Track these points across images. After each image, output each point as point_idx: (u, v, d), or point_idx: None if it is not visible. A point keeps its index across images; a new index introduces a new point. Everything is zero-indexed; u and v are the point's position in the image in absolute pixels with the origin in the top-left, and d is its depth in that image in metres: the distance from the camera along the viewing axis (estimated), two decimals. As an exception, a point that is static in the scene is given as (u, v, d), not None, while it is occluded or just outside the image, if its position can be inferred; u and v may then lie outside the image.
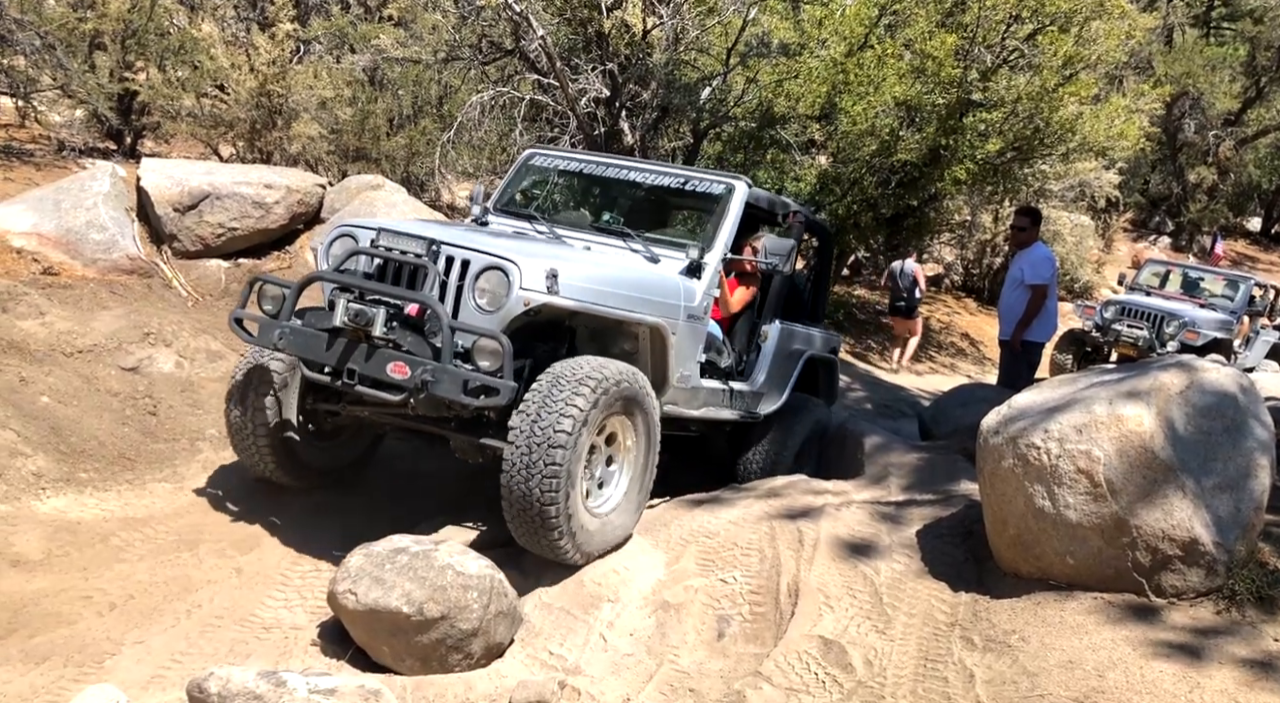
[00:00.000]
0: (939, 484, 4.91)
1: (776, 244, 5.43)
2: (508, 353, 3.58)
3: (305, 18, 11.51)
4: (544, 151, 5.69)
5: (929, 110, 10.70)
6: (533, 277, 3.78)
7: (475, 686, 3.28)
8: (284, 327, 3.91)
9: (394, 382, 3.68)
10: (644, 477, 4.24)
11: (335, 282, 3.98)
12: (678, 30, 9.46)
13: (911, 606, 3.58)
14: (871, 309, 14.11)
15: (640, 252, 4.82)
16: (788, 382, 5.62)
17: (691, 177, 5.22)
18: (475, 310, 3.82)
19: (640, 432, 4.15)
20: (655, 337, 4.39)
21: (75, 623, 3.49)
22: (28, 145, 8.82)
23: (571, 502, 3.68)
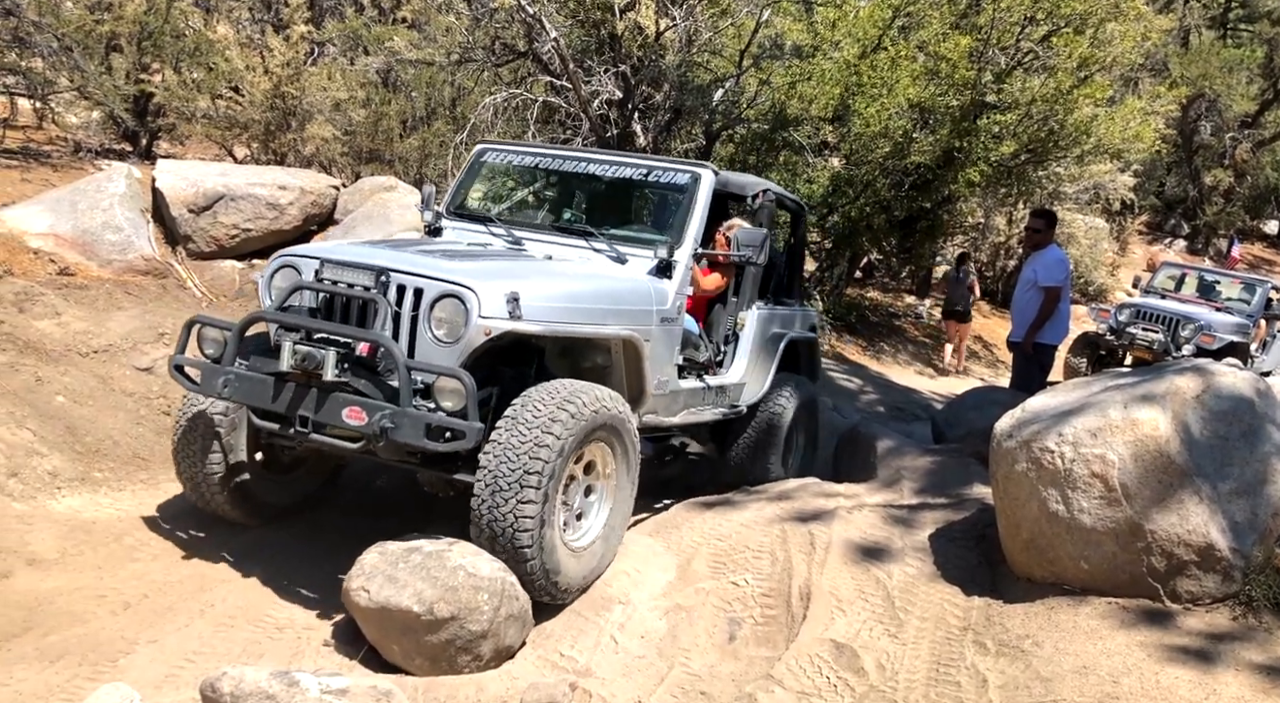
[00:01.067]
0: (951, 488, 4.89)
1: (749, 234, 5.14)
2: (471, 392, 3.33)
3: (320, 20, 11.57)
4: (497, 147, 5.38)
5: (943, 112, 10.66)
6: (492, 302, 3.51)
7: (486, 687, 3.28)
8: (228, 373, 3.64)
9: (350, 428, 3.45)
10: (625, 502, 4.05)
11: (278, 321, 3.69)
12: (691, 32, 9.46)
13: (924, 609, 3.56)
14: (884, 312, 14.07)
15: (605, 251, 4.57)
16: (769, 369, 5.45)
17: (655, 166, 4.92)
18: (432, 342, 3.55)
19: (620, 456, 3.95)
20: (629, 349, 4.18)
21: (89, 622, 3.51)
22: (45, 147, 8.89)
23: (547, 541, 3.48)
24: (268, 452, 4.28)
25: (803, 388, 5.71)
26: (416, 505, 4.74)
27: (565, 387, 3.62)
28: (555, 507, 3.51)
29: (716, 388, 5.01)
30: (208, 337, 3.82)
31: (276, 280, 3.88)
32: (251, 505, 4.23)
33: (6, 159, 7.98)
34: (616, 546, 4.02)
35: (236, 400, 3.70)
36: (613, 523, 3.96)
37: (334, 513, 4.61)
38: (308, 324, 3.63)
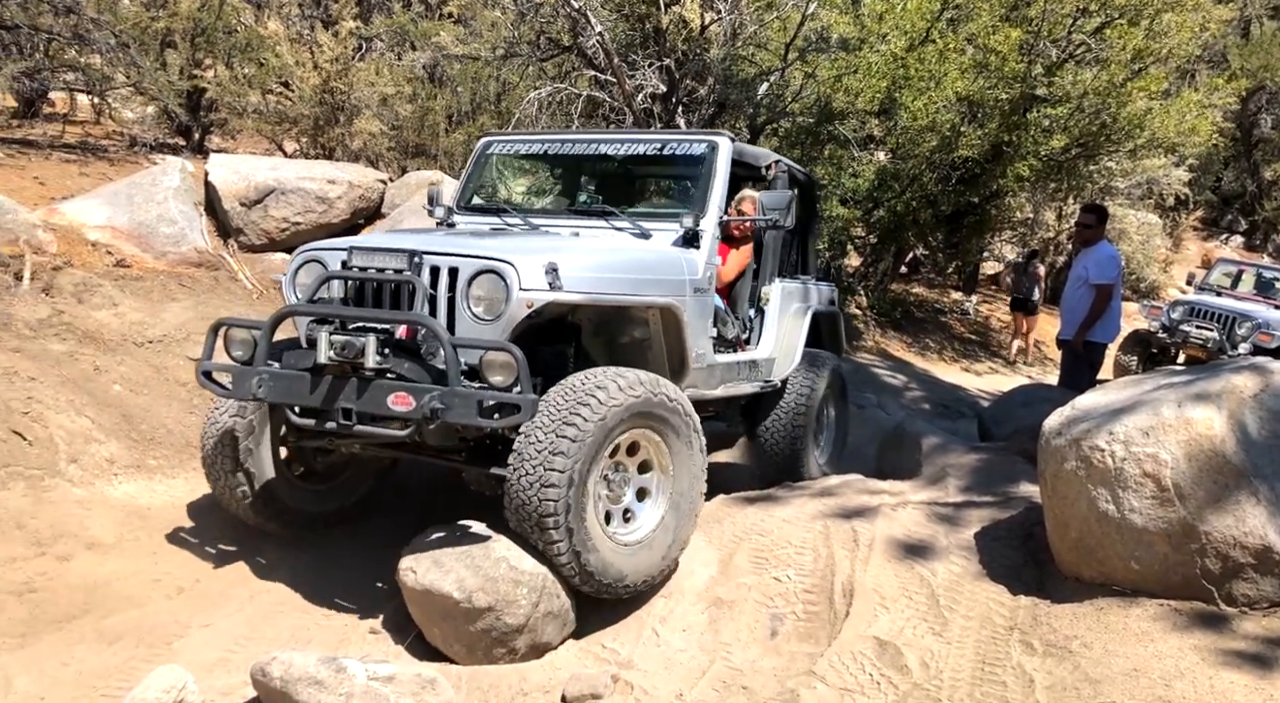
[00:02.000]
0: (998, 486, 4.83)
1: (774, 198, 5.00)
2: (522, 364, 3.22)
3: (367, 15, 11.70)
4: (502, 138, 5.27)
5: (991, 106, 10.50)
6: (531, 275, 3.42)
7: (529, 677, 3.31)
8: (260, 373, 3.49)
9: (397, 415, 3.32)
10: (688, 494, 3.83)
11: (311, 313, 3.59)
12: (735, 25, 9.42)
13: (969, 608, 3.53)
14: (930, 308, 13.91)
15: (627, 229, 4.44)
16: (798, 342, 5.38)
17: (669, 140, 4.81)
18: (472, 321, 3.45)
19: (675, 444, 3.76)
20: (668, 318, 4.06)
21: (145, 605, 3.60)
22: (102, 141, 9.11)
23: (581, 533, 3.33)
24: (302, 460, 4.20)
25: (829, 362, 5.63)
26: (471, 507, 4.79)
27: (599, 373, 3.50)
28: (589, 496, 3.37)
29: (749, 362, 4.95)
30: (235, 338, 3.69)
31: (301, 276, 3.80)
32: (287, 517, 4.13)
33: (66, 153, 8.19)
34: (682, 539, 3.82)
35: (273, 399, 3.55)
36: (674, 517, 3.76)
37: (386, 512, 4.66)
38: (343, 313, 3.54)
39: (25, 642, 3.24)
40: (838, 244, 11.38)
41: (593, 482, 3.39)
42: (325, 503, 4.30)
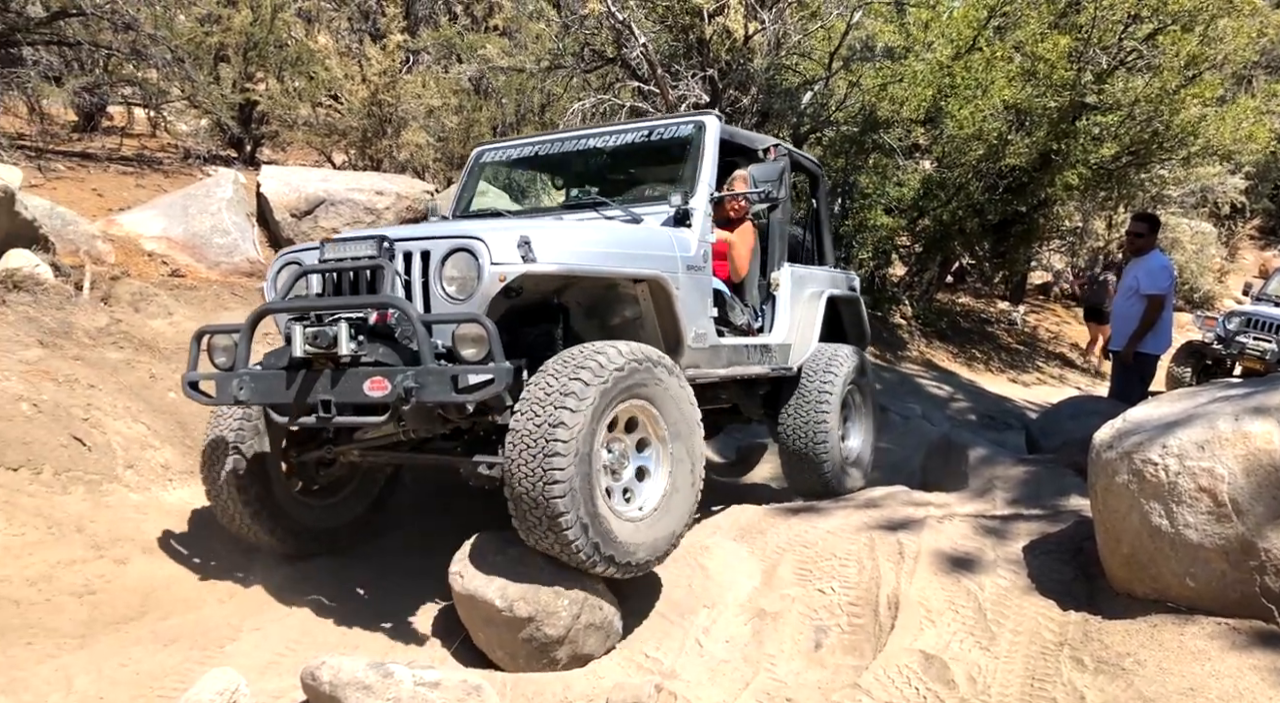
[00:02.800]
0: (1046, 499, 4.75)
1: (765, 170, 4.90)
2: (493, 334, 3.14)
3: (415, 29, 11.87)
4: (494, 146, 5.26)
5: (1039, 114, 10.38)
6: (502, 249, 3.34)
7: (573, 685, 3.32)
8: (241, 376, 3.47)
9: (374, 401, 3.24)
10: (687, 464, 3.71)
11: (286, 310, 3.57)
12: (779, 35, 9.42)
13: (1017, 623, 3.48)
14: (976, 317, 13.75)
15: (619, 216, 4.41)
16: (814, 326, 5.28)
17: (655, 126, 4.77)
18: (447, 303, 3.39)
19: (670, 414, 3.64)
20: (658, 292, 3.95)
21: (198, 608, 3.68)
22: (157, 153, 9.34)
23: (589, 506, 3.23)
24: (303, 475, 4.15)
25: (849, 349, 5.47)
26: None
27: (591, 346, 3.43)
28: (593, 470, 3.26)
29: (760, 347, 4.86)
30: (218, 346, 3.69)
31: (281, 279, 3.78)
32: (289, 533, 4.04)
33: (123, 166, 8.41)
34: (685, 514, 3.70)
35: (254, 401, 3.51)
36: (675, 488, 3.66)
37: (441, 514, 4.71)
38: (315, 305, 3.48)
39: (85, 642, 3.33)
40: (882, 253, 11.30)
41: (597, 454, 3.28)
42: (328, 519, 4.22)
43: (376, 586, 4.06)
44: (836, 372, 5.18)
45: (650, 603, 3.82)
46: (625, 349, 3.44)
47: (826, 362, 5.20)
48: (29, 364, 4.69)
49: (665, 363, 3.61)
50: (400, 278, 3.45)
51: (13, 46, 7.92)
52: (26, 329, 5.01)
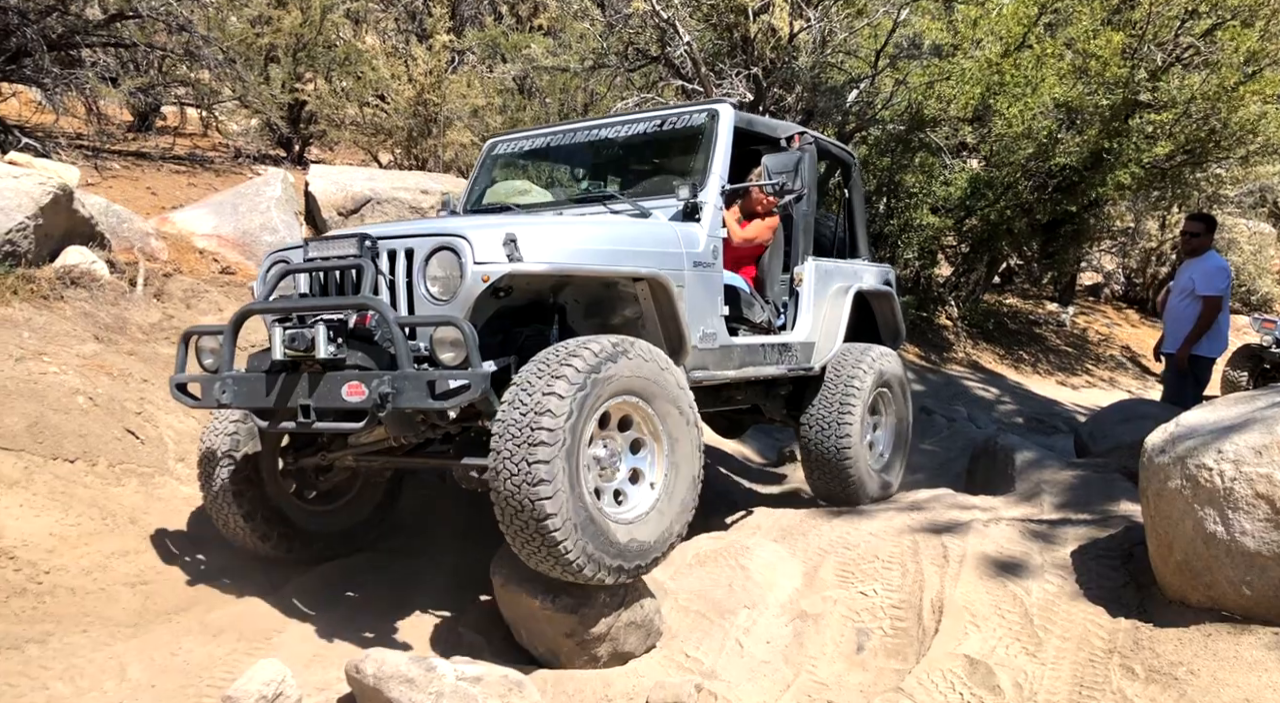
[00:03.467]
0: (1096, 504, 4.66)
1: (779, 160, 4.67)
2: (470, 337, 3.01)
3: (460, 29, 11.97)
4: (506, 138, 5.10)
5: (1091, 112, 10.19)
6: (486, 247, 3.20)
7: (613, 683, 3.32)
8: (224, 379, 3.39)
9: (352, 406, 3.13)
10: (685, 467, 3.53)
11: (266, 311, 3.45)
12: (825, 33, 9.35)
13: (1065, 629, 3.41)
14: (1024, 319, 13.54)
15: (626, 210, 4.24)
16: (840, 323, 4.99)
17: (668, 115, 4.57)
18: (430, 303, 3.26)
19: (667, 414, 3.46)
20: (658, 292, 3.75)
21: (246, 600, 3.74)
22: (209, 153, 9.52)
23: (577, 509, 3.06)
24: (299, 478, 4.06)
25: (880, 349, 5.21)
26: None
27: (578, 339, 3.28)
28: (580, 470, 3.07)
29: (779, 346, 4.63)
30: (204, 348, 3.59)
31: (270, 275, 3.65)
32: (286, 540, 3.93)
33: (176, 165, 8.58)
34: (681, 518, 3.51)
35: (237, 405, 3.44)
36: (670, 491, 3.47)
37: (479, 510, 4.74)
38: (295, 307, 3.37)
39: (137, 632, 3.40)
40: (928, 253, 11.18)
41: (585, 449, 3.12)
42: (329, 525, 4.10)
43: (418, 582, 4.10)
44: (864, 372, 4.94)
45: (690, 603, 3.81)
46: (618, 342, 3.29)
47: (854, 361, 4.97)
48: (85, 358, 4.80)
49: (660, 360, 3.44)
50: (384, 277, 3.33)
51: (72, 48, 8.12)
52: (83, 324, 5.14)
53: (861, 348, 5.11)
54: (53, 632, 3.26)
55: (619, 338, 3.33)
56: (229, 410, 3.75)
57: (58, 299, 5.21)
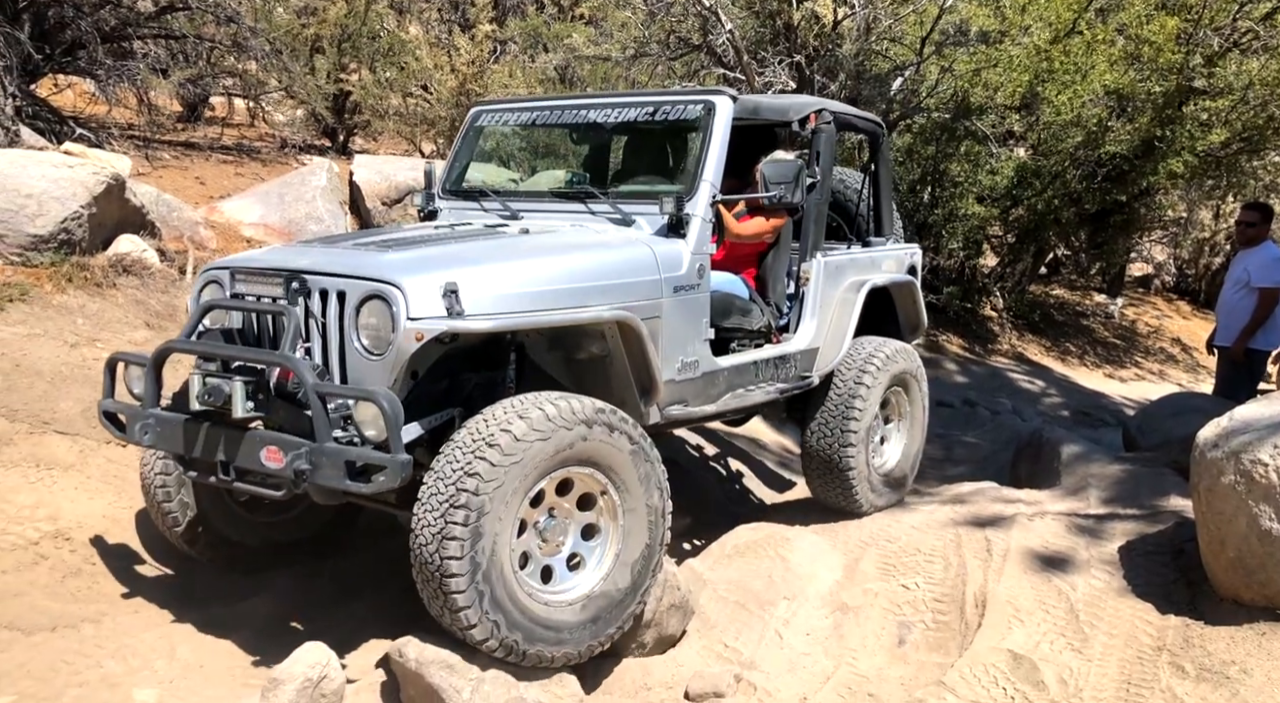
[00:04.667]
0: (1145, 499, 4.58)
1: (778, 169, 4.17)
2: (391, 417, 2.69)
3: (503, 19, 12.00)
4: (492, 107, 4.55)
5: (1143, 99, 9.97)
6: (422, 300, 2.84)
7: (653, 671, 3.33)
8: (146, 418, 3.12)
9: (270, 472, 2.89)
10: (642, 543, 3.16)
11: (185, 351, 3.15)
12: (869, 20, 9.23)
13: (1112, 625, 3.36)
14: (1071, 310, 13.31)
15: (607, 214, 3.81)
16: (848, 325, 4.50)
17: (661, 102, 4.02)
18: (363, 357, 2.92)
19: (627, 486, 3.11)
20: (625, 332, 3.34)
21: (293, 583, 3.79)
22: (256, 143, 9.65)
23: (494, 591, 2.76)
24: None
25: (894, 346, 4.70)
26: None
27: (520, 403, 2.91)
28: (504, 547, 2.79)
29: (775, 359, 4.16)
30: (134, 376, 3.26)
31: (203, 299, 3.28)
32: (232, 549, 3.69)
33: (224, 155, 8.71)
34: (635, 597, 3.17)
35: (159, 448, 3.20)
36: (619, 568, 3.11)
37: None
38: (213, 351, 3.11)
39: (186, 612, 3.46)
40: (973, 243, 11.02)
41: (507, 533, 2.81)
42: (275, 535, 3.83)
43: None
44: (873, 371, 4.49)
45: (729, 593, 3.81)
46: (562, 409, 2.92)
47: (863, 360, 4.52)
48: (136, 345, 4.90)
49: (614, 422, 3.05)
50: (316, 321, 3.00)
51: (124, 40, 8.27)
52: (135, 311, 5.24)
53: (873, 345, 4.62)
54: (106, 612, 3.34)
55: (568, 402, 2.96)
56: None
57: (110, 287, 5.32)
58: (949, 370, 9.90)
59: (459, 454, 2.76)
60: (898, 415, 4.87)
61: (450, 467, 2.75)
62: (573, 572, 3.10)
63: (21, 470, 3.87)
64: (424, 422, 3.00)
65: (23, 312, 4.79)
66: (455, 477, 2.72)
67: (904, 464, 4.86)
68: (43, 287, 5.02)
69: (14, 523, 3.60)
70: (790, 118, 4.25)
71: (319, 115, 9.83)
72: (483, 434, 2.79)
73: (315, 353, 3.02)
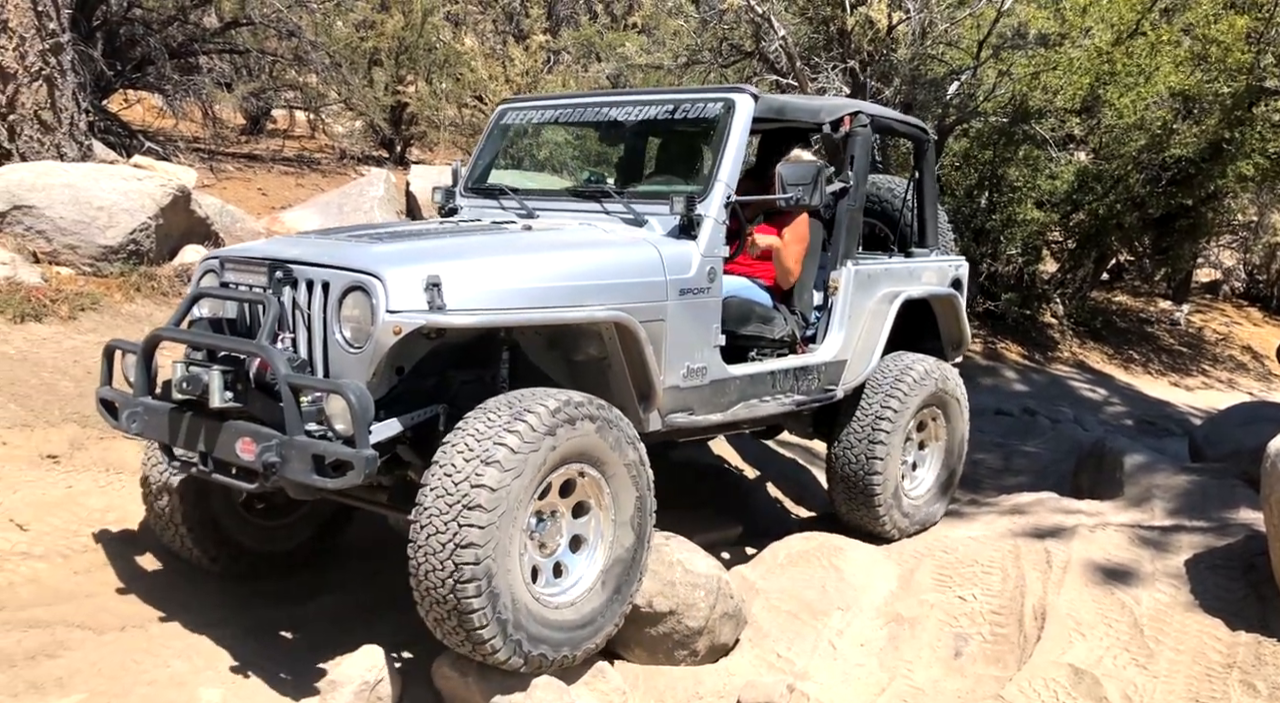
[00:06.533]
0: (1213, 511, 4.45)
1: (796, 171, 4.01)
2: (358, 411, 2.64)
3: (556, 29, 12.11)
4: (518, 105, 4.48)
5: (1211, 100, 9.73)
6: (403, 292, 2.76)
7: (704, 680, 3.32)
8: (135, 406, 3.06)
9: (245, 464, 2.83)
10: (631, 539, 3.09)
11: (173, 339, 3.12)
12: (925, 24, 9.14)
13: (1179, 641, 3.27)
14: (1135, 317, 13.00)
15: (621, 213, 3.69)
16: (879, 338, 4.27)
17: (682, 100, 3.90)
18: (344, 349, 2.85)
19: (619, 482, 3.04)
20: (624, 335, 3.22)
21: (344, 586, 3.85)
22: (315, 154, 9.86)
23: (505, 599, 2.70)
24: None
25: (929, 363, 4.45)
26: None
27: (519, 400, 2.83)
28: (515, 554, 2.73)
29: (795, 370, 3.96)
30: (130, 364, 3.19)
31: (204, 283, 3.26)
32: (232, 553, 3.58)
33: (285, 166, 8.92)
34: (625, 598, 3.11)
35: (147, 437, 3.16)
36: (611, 569, 3.06)
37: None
38: (198, 340, 3.07)
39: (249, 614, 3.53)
40: (1032, 249, 10.84)
41: (517, 540, 2.74)
42: (276, 542, 3.73)
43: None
44: (904, 393, 4.25)
45: (782, 602, 3.78)
46: (563, 402, 2.86)
47: (895, 376, 4.28)
48: (200, 352, 5.03)
49: (612, 418, 3.00)
50: (301, 312, 2.95)
51: (190, 56, 8.53)
52: (199, 319, 5.38)
53: (907, 361, 4.38)
54: (173, 612, 3.42)
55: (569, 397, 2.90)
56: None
57: (176, 295, 5.47)
58: (1008, 378, 9.73)
59: (453, 485, 2.64)
60: (934, 438, 4.60)
61: (445, 502, 2.64)
62: (566, 571, 3.03)
63: (93, 475, 3.99)
64: (405, 418, 2.91)
65: (94, 320, 4.95)
66: (455, 512, 2.62)
67: (938, 489, 4.61)
68: (112, 296, 5.18)
69: (85, 526, 3.71)
70: (822, 120, 4.07)
71: (377, 126, 10.01)
72: (477, 452, 2.67)
73: (301, 345, 2.96)
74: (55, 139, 6.00)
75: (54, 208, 5.32)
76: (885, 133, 4.58)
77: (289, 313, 2.96)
